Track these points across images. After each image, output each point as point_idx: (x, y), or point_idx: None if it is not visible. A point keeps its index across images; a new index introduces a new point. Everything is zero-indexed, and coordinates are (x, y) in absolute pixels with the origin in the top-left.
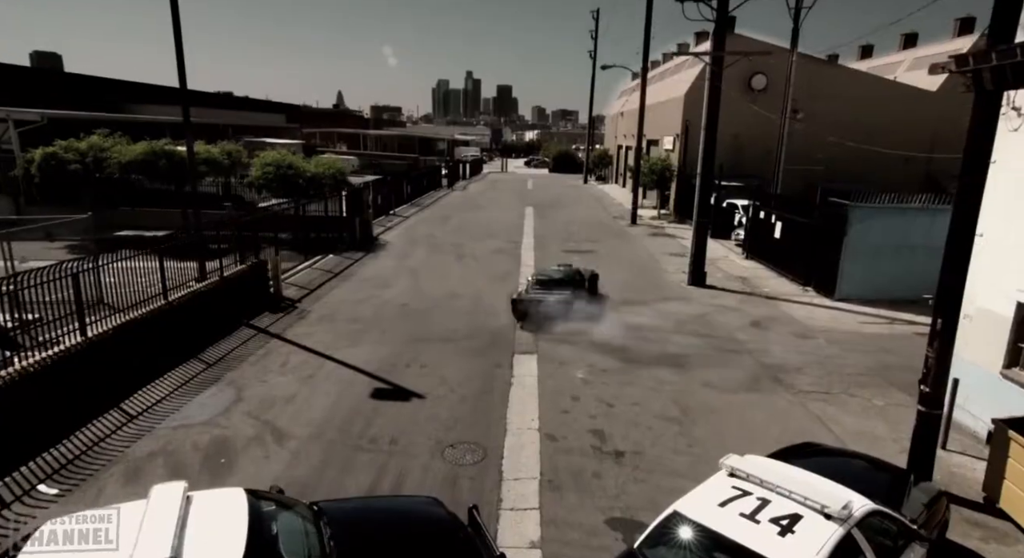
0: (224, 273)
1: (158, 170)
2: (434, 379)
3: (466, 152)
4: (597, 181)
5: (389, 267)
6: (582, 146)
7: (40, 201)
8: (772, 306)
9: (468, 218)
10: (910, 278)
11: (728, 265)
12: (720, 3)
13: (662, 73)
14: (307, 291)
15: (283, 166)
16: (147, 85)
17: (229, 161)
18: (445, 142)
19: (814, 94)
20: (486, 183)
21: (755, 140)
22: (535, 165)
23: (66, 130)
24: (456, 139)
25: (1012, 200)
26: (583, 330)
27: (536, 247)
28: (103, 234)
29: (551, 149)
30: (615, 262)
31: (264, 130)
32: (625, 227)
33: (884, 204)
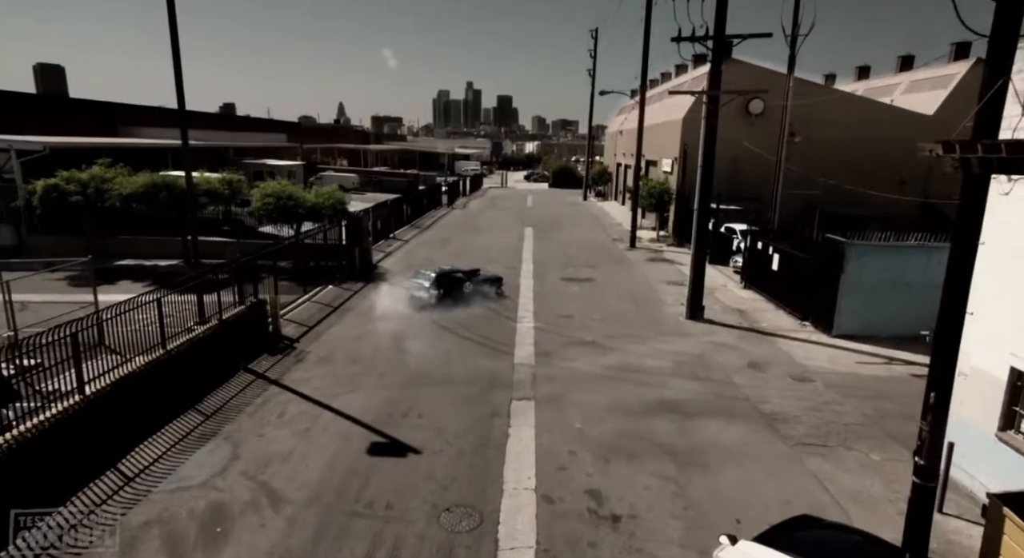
0: (223, 316)
1: (159, 201)
2: (431, 431)
3: (466, 166)
4: (596, 197)
5: (387, 298)
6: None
7: (41, 229)
8: (770, 344)
9: (467, 242)
10: (907, 314)
11: (726, 295)
12: (716, 44)
13: (660, 94)
14: (306, 329)
15: (283, 197)
16: (149, 108)
17: (229, 190)
18: (445, 156)
19: (811, 118)
20: (486, 200)
21: (753, 163)
22: (535, 179)
23: (68, 158)
24: (456, 153)
25: (1005, 261)
26: (583, 371)
27: (535, 274)
28: (103, 263)
29: (551, 163)
30: (614, 291)
31: (265, 151)
32: (624, 251)
33: (880, 242)
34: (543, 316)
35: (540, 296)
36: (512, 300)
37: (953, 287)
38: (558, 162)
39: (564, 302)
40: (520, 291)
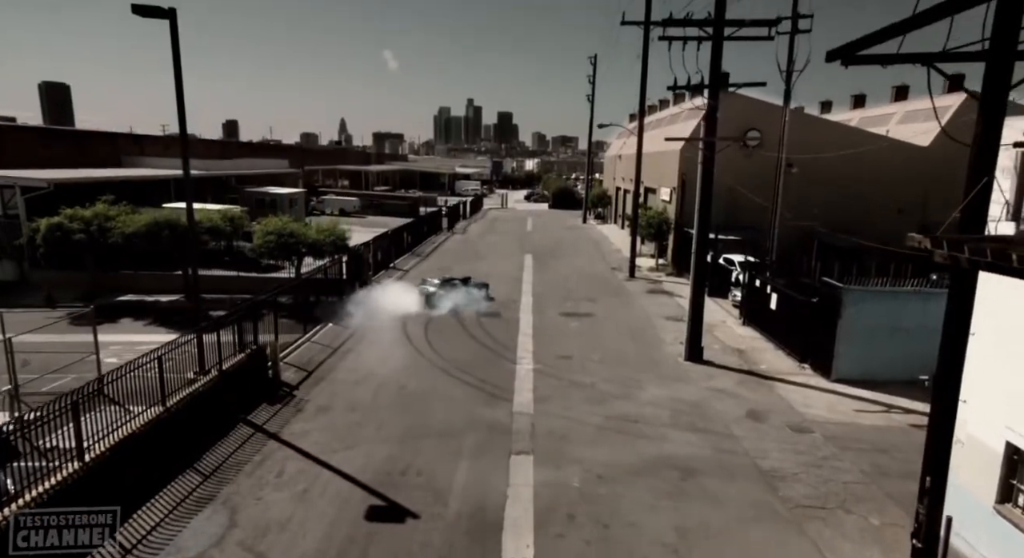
0: (223, 365)
1: (161, 240)
2: (429, 492)
3: (467, 186)
4: (596, 220)
5: (388, 338)
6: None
7: (44, 264)
8: (769, 389)
9: (467, 271)
10: (906, 359)
11: (725, 333)
12: (711, 93)
13: (659, 121)
14: (306, 373)
15: (284, 234)
16: (153, 136)
17: (231, 227)
18: (446, 176)
19: (808, 148)
20: (486, 223)
21: (751, 192)
22: (535, 200)
23: (73, 192)
24: (457, 173)
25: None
26: (582, 421)
27: (534, 308)
28: (104, 299)
29: (551, 184)
30: (614, 327)
31: (267, 178)
32: (623, 282)
33: (877, 287)
34: (542, 356)
35: (540, 332)
36: (512, 336)
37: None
38: (558, 182)
39: (563, 340)
40: (520, 327)
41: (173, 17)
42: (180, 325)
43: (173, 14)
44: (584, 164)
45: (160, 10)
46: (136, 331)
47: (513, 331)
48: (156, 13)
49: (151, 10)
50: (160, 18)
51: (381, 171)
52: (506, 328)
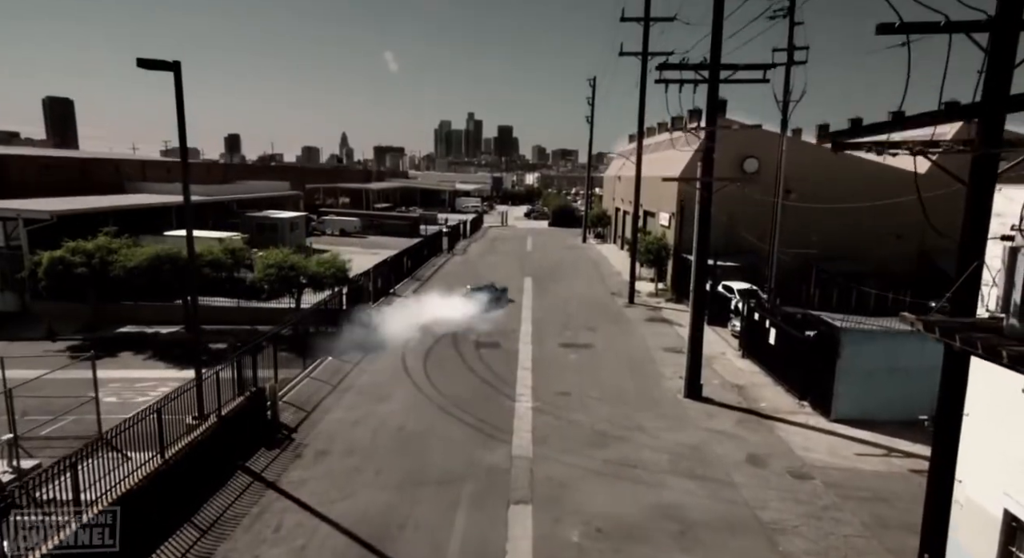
0: (223, 411)
1: (162, 274)
2: (427, 547)
3: (467, 203)
4: (595, 239)
5: (387, 372)
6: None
7: (45, 296)
8: (769, 430)
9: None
10: (905, 399)
11: (724, 367)
12: (708, 134)
13: (657, 144)
14: (305, 414)
15: (285, 267)
16: (156, 161)
17: (232, 260)
18: (447, 193)
19: (805, 175)
20: (486, 243)
21: (749, 219)
22: (535, 217)
23: (76, 221)
24: (458, 190)
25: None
26: (580, 466)
27: (534, 338)
28: (105, 331)
29: (550, 201)
30: (613, 360)
31: (268, 202)
32: (623, 308)
33: (875, 328)
34: (541, 393)
35: (539, 365)
36: (511, 370)
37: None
38: (557, 200)
39: (562, 374)
40: (519, 360)
41: (177, 69)
42: (180, 359)
43: (177, 67)
44: (584, 178)
45: (164, 63)
46: (136, 366)
47: (512, 364)
48: (160, 66)
49: (156, 63)
50: (165, 70)
51: (382, 189)
52: (505, 360)
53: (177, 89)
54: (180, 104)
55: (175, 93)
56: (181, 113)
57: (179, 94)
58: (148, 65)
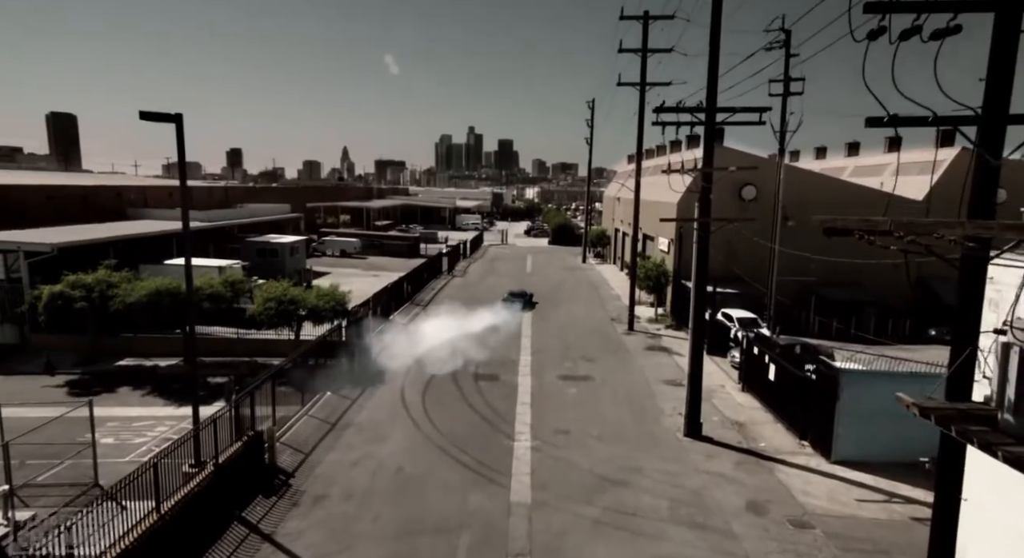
0: (219, 458)
1: (162, 308)
2: None
3: (467, 220)
4: (595, 258)
5: (385, 407)
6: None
7: (44, 328)
8: (769, 473)
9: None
10: (905, 441)
11: (724, 402)
12: (704, 175)
13: (656, 167)
14: (302, 456)
15: (284, 301)
16: (158, 186)
17: (232, 292)
18: (447, 210)
19: (803, 202)
20: (486, 263)
21: (748, 245)
22: (535, 234)
23: (76, 254)
24: (458, 207)
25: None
26: (580, 514)
27: (533, 369)
28: (104, 364)
29: (550, 217)
30: (612, 394)
31: (268, 226)
32: (622, 336)
33: (874, 369)
34: (540, 431)
35: (538, 400)
36: (510, 405)
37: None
38: (557, 218)
39: (561, 411)
40: (518, 395)
41: (179, 121)
42: (179, 394)
43: (179, 118)
44: (584, 193)
45: (167, 115)
46: (134, 403)
47: (511, 398)
48: (163, 118)
49: (159, 115)
50: (167, 122)
51: (383, 207)
52: (504, 394)
53: (179, 139)
54: (181, 153)
55: (176, 142)
56: (182, 161)
57: (180, 144)
58: (151, 117)
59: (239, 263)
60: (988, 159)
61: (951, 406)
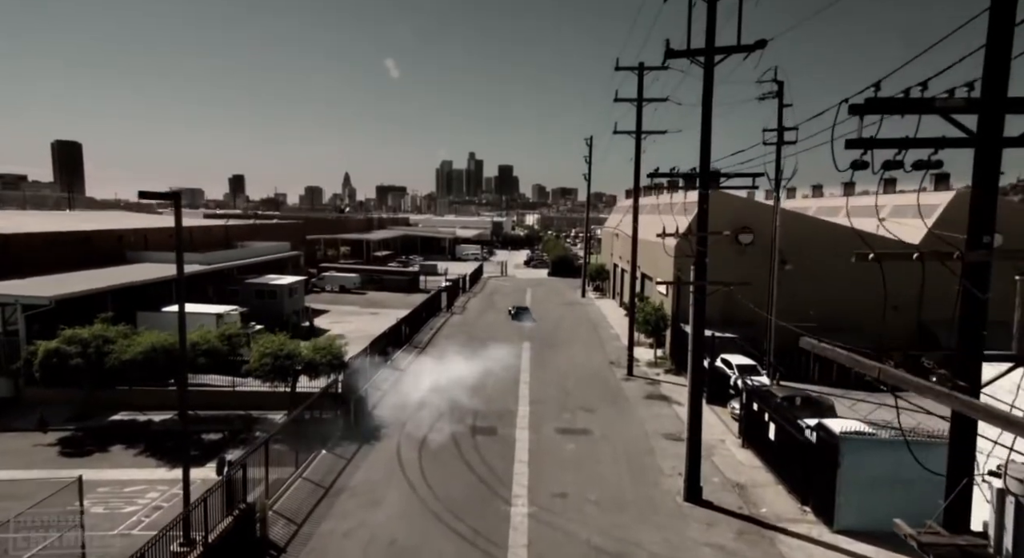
0: (209, 538)
1: (157, 365)
2: None
3: (467, 250)
4: (595, 292)
5: (381, 467)
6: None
7: (39, 382)
8: (770, 544)
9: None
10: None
11: (724, 460)
12: (699, 239)
13: (654, 206)
14: (295, 526)
15: (280, 356)
16: (157, 229)
17: (228, 346)
18: (447, 241)
19: (800, 246)
20: (485, 297)
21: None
22: (534, 265)
23: (74, 304)
24: (458, 237)
25: None
26: None
27: (531, 422)
28: (98, 419)
29: (550, 247)
30: (611, 452)
31: (268, 266)
32: (622, 382)
33: (874, 437)
34: (538, 495)
35: (536, 458)
36: (507, 463)
37: None
38: (557, 249)
39: (560, 471)
40: (516, 451)
41: (177, 198)
42: (172, 454)
43: (177, 196)
44: (583, 219)
45: (165, 194)
46: (126, 464)
47: (509, 455)
48: (162, 196)
49: (158, 194)
50: (166, 200)
51: (383, 239)
52: (502, 451)
53: (176, 217)
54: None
55: (174, 217)
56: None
57: (178, 219)
58: (150, 196)
59: (237, 309)
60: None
61: (949, 541)
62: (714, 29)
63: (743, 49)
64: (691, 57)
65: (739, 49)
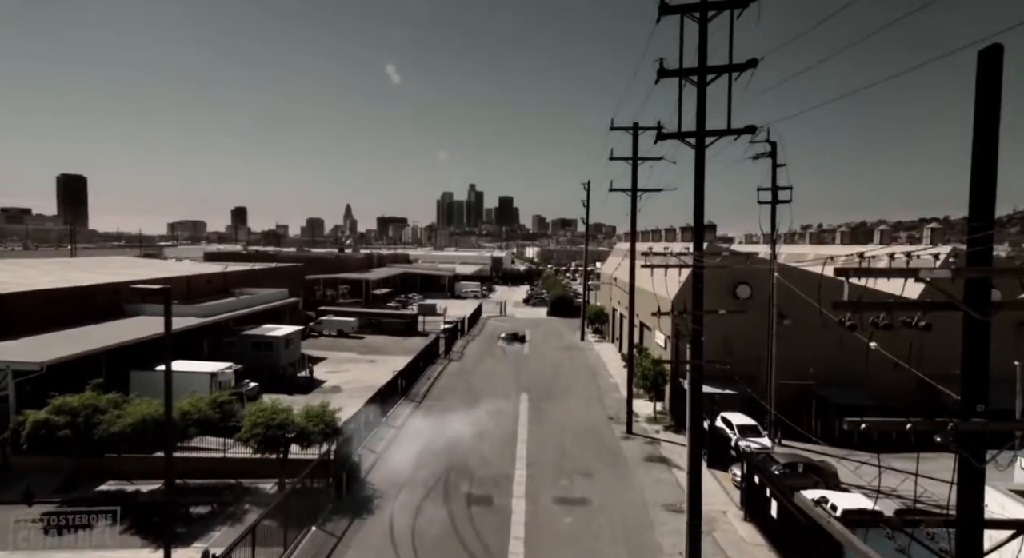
0: None
1: (147, 438)
2: None
3: (467, 287)
4: (594, 334)
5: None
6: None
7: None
8: None
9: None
10: None
11: (726, 537)
12: (695, 317)
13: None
14: None
15: (272, 426)
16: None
17: (220, 414)
18: (446, 279)
19: (798, 300)
20: (484, 341)
21: (745, 342)
22: (534, 303)
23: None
24: (457, 274)
25: None
26: None
27: (528, 488)
28: (85, 490)
29: (549, 284)
30: (610, 525)
31: (265, 315)
32: (621, 440)
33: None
34: None
35: (532, 533)
36: (502, 540)
37: None
38: (556, 288)
39: (557, 548)
40: (511, 526)
41: (167, 294)
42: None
43: (167, 292)
44: (583, 252)
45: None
46: (111, 544)
47: (504, 529)
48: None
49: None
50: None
51: (382, 278)
52: (497, 524)
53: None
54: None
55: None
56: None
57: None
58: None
59: (231, 367)
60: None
61: None
62: (704, 112)
63: (733, 132)
64: (682, 138)
65: (729, 132)
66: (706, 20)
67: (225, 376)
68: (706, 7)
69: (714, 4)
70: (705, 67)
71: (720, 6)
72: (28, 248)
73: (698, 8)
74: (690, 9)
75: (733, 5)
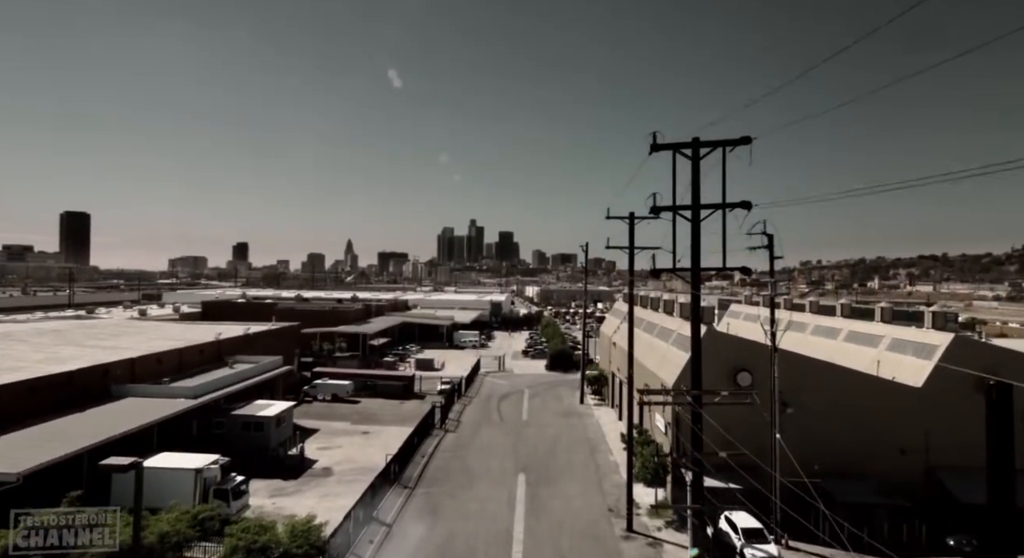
0: None
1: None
2: None
3: (465, 337)
4: (594, 396)
5: None
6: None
7: None
8: None
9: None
10: None
11: None
12: (694, 416)
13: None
14: None
15: (255, 550)
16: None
17: (200, 531)
18: (444, 328)
19: (801, 388)
20: (481, 404)
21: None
22: (533, 355)
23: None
24: (455, 323)
25: None
26: None
27: None
28: None
29: (549, 334)
30: None
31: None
32: (621, 541)
33: None
34: None
35: None
36: None
37: None
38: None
39: None
40: None
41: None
42: None
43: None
44: (582, 291)
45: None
46: None
47: None
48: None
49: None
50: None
51: (379, 330)
52: None
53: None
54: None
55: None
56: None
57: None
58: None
59: (218, 460)
60: None
61: None
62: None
63: (727, 270)
64: (675, 273)
65: (722, 270)
66: (698, 158)
67: (211, 472)
68: (698, 146)
69: (706, 143)
70: (699, 205)
71: (712, 144)
72: (26, 293)
73: (690, 146)
74: (681, 147)
75: (725, 144)
